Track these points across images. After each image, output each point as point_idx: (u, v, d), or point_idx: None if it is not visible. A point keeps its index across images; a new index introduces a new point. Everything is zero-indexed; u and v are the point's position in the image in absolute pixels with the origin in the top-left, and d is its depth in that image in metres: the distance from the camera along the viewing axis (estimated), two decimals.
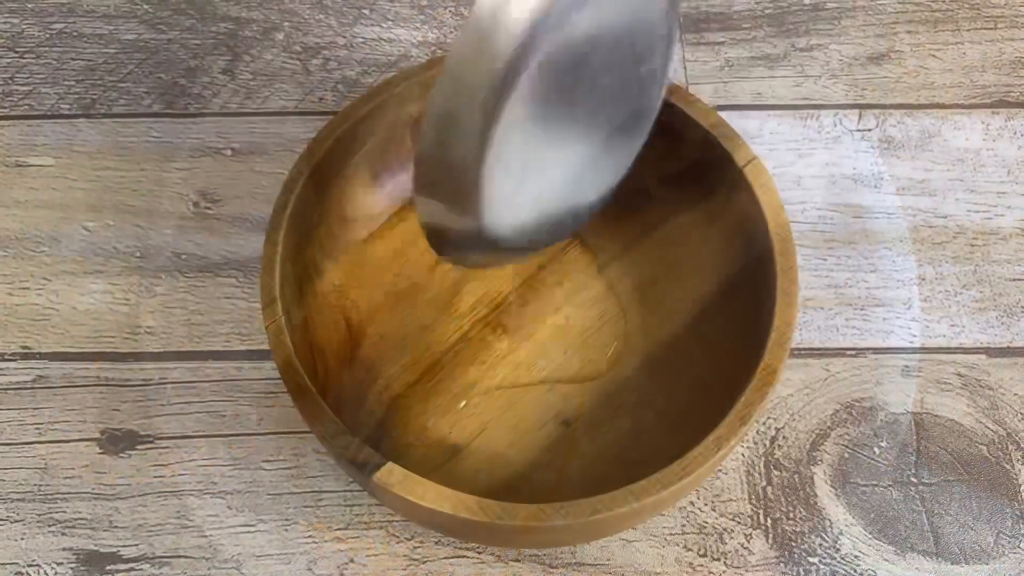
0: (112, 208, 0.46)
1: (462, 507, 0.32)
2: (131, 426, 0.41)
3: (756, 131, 0.48)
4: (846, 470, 0.40)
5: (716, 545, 0.38)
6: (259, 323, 0.43)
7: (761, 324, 0.36)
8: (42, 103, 0.49)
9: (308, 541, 0.39)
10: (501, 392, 0.40)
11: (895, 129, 0.48)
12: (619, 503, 0.32)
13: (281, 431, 0.41)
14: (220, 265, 0.45)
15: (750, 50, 0.50)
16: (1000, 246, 0.45)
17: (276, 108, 0.49)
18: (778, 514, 0.39)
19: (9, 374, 0.42)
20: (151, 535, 0.39)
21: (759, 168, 0.38)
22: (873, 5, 0.52)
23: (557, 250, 0.43)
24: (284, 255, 0.37)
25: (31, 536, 0.39)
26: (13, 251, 0.45)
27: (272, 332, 0.35)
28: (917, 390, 0.41)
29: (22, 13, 0.52)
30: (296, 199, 0.38)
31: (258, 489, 0.40)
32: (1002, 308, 0.43)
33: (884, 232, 0.45)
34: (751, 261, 0.38)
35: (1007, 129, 0.48)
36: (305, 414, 0.34)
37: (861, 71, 0.49)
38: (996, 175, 0.47)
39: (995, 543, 0.38)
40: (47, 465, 0.40)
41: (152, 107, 0.49)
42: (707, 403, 0.37)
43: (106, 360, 0.42)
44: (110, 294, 0.44)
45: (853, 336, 0.43)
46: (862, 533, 0.39)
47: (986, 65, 0.50)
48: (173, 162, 0.47)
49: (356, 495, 0.40)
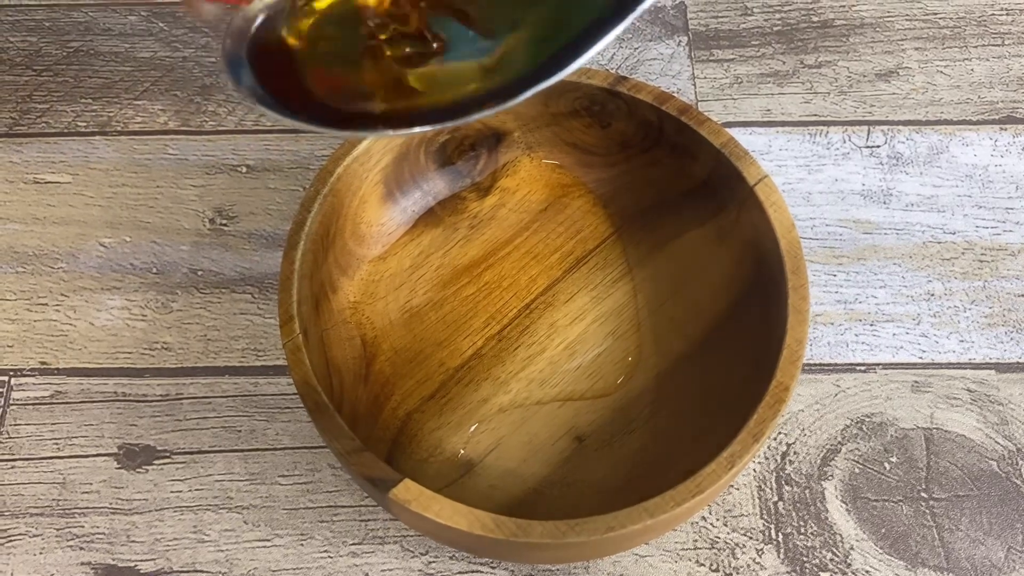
0: (129, 225, 0.47)
1: (477, 524, 0.32)
2: (148, 441, 0.41)
3: (765, 147, 0.48)
4: (857, 485, 0.40)
5: (728, 560, 0.39)
6: (274, 339, 0.44)
7: (773, 341, 0.36)
8: (59, 120, 0.50)
9: (324, 556, 0.39)
10: (514, 408, 0.40)
11: (903, 145, 0.48)
12: (633, 520, 0.32)
13: (297, 446, 0.41)
14: (236, 281, 0.45)
15: (759, 67, 0.51)
16: (1009, 262, 0.45)
17: (290, 125, 0.49)
18: (789, 529, 0.39)
19: (27, 389, 0.43)
20: (168, 549, 0.39)
21: (770, 187, 0.38)
22: (881, 22, 0.52)
23: (569, 267, 0.43)
24: (301, 273, 0.37)
25: (50, 551, 0.39)
26: (31, 267, 0.46)
27: (290, 350, 0.35)
28: (927, 405, 0.42)
29: (40, 31, 0.52)
30: (313, 218, 0.38)
31: (274, 504, 0.40)
32: (1011, 323, 0.44)
33: (893, 248, 0.45)
34: (762, 278, 0.38)
35: (1015, 145, 0.48)
36: (323, 431, 0.34)
37: (869, 88, 0.50)
38: (1004, 191, 0.47)
39: (1006, 558, 0.39)
40: (65, 480, 0.41)
41: (168, 124, 0.49)
42: (719, 419, 0.38)
43: (123, 376, 0.43)
44: (127, 310, 0.44)
45: (863, 352, 0.43)
46: (873, 548, 0.39)
47: (993, 81, 0.50)
48: (189, 179, 0.48)
49: (371, 510, 0.40)
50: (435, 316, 0.42)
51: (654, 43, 0.51)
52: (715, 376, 0.40)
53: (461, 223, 0.44)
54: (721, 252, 0.41)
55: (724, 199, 0.40)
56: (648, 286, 0.43)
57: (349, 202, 0.41)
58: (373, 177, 0.41)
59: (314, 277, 0.39)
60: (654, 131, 0.42)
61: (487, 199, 0.44)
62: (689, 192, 0.42)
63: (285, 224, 0.46)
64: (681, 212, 0.43)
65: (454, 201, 0.44)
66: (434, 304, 0.42)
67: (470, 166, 0.44)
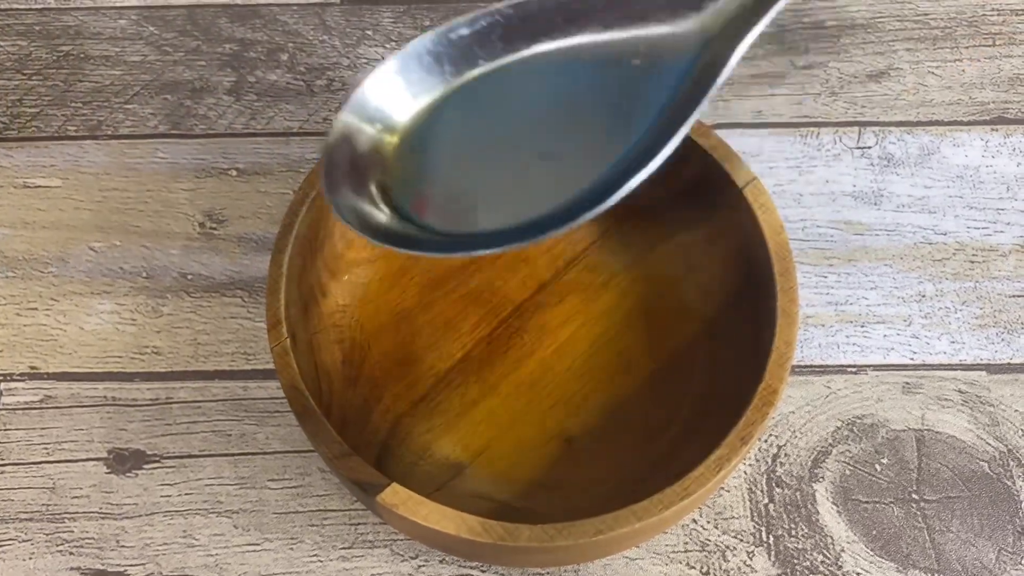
0: (118, 229, 0.47)
1: (465, 528, 0.32)
2: (138, 445, 0.41)
3: (757, 149, 0.48)
4: (848, 487, 0.40)
5: (719, 563, 0.39)
6: (264, 343, 0.43)
7: (762, 343, 0.36)
8: (49, 125, 0.50)
9: (313, 560, 0.39)
10: (504, 410, 0.40)
11: (894, 146, 0.48)
12: (622, 523, 0.32)
13: (287, 450, 0.41)
14: (226, 285, 0.45)
15: (750, 68, 0.51)
16: (1000, 262, 0.45)
17: (280, 129, 0.49)
18: (780, 531, 0.39)
19: (17, 394, 0.43)
20: (158, 554, 0.39)
21: (759, 189, 0.38)
22: (872, 23, 0.52)
23: (559, 269, 0.43)
24: (289, 276, 0.37)
25: (39, 556, 0.39)
26: (21, 271, 0.46)
27: (277, 354, 0.35)
28: (918, 407, 0.42)
29: (29, 35, 0.52)
30: (301, 221, 0.38)
31: (264, 508, 0.40)
32: (1002, 324, 0.43)
33: (884, 249, 0.45)
34: (752, 281, 0.38)
35: (1006, 146, 0.48)
36: (310, 435, 0.34)
37: (860, 89, 0.50)
38: (995, 191, 0.47)
39: (997, 559, 0.39)
40: (55, 485, 0.41)
41: (158, 128, 0.49)
42: (709, 421, 0.38)
43: (113, 380, 0.43)
44: (117, 314, 0.44)
45: (854, 353, 0.43)
46: (864, 550, 0.39)
47: (984, 82, 0.50)
48: (179, 183, 0.48)
49: (361, 514, 0.40)
50: (424, 319, 0.42)
51: None
52: (705, 377, 0.40)
53: None
54: (710, 254, 0.41)
55: (713, 202, 0.40)
56: (638, 288, 0.43)
57: None
58: None
59: (303, 280, 0.39)
60: None
61: None
62: (679, 195, 0.42)
63: (275, 228, 0.46)
64: (671, 215, 0.42)
65: None
66: (423, 307, 0.42)
67: None
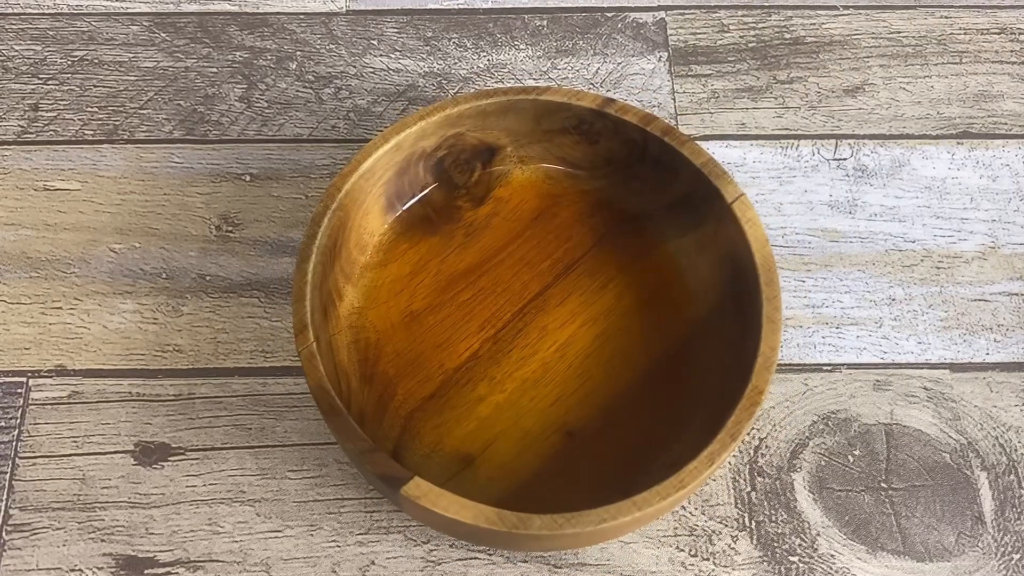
0: (138, 231, 0.49)
1: (482, 518, 0.35)
2: (163, 439, 0.44)
3: (740, 159, 0.51)
4: (823, 477, 0.44)
5: (706, 546, 0.42)
6: (281, 341, 0.46)
7: (748, 346, 0.40)
8: (67, 128, 0.51)
9: (332, 545, 0.42)
10: (509, 406, 0.43)
11: (868, 158, 0.52)
12: (623, 512, 0.35)
13: (305, 443, 0.44)
14: (243, 286, 0.47)
15: (735, 82, 0.54)
16: (963, 268, 0.49)
17: (291, 135, 0.51)
18: (762, 517, 0.43)
19: (46, 390, 0.45)
20: (185, 541, 0.42)
21: (746, 204, 0.42)
22: (849, 40, 0.55)
23: (559, 273, 0.46)
24: (312, 284, 0.40)
25: (72, 543, 0.42)
26: (45, 272, 0.48)
27: (305, 357, 0.38)
28: (887, 403, 0.45)
29: (44, 40, 0.54)
30: (323, 231, 0.41)
31: (284, 497, 0.43)
32: (964, 327, 0.47)
33: (858, 255, 0.49)
34: (739, 288, 0.42)
35: (970, 159, 0.52)
36: (337, 432, 0.37)
37: (837, 103, 0.53)
38: (960, 202, 0.50)
39: (956, 542, 0.42)
40: (85, 476, 0.43)
41: (173, 133, 0.51)
42: (698, 416, 0.41)
43: (137, 376, 0.45)
44: (139, 313, 0.47)
45: (829, 353, 0.46)
46: (837, 534, 0.43)
47: (951, 98, 0.53)
48: (195, 187, 0.50)
49: (376, 502, 0.43)
50: (434, 320, 0.45)
51: (636, 58, 0.54)
52: (695, 377, 0.43)
53: (457, 231, 0.47)
54: (700, 262, 0.44)
55: (704, 214, 0.43)
56: (633, 291, 0.46)
57: (355, 215, 0.43)
58: (376, 191, 0.44)
59: (322, 286, 0.41)
60: (639, 149, 0.45)
61: (482, 208, 0.47)
62: (671, 205, 0.45)
63: (289, 231, 0.49)
64: (663, 223, 0.46)
65: (450, 210, 0.47)
66: (433, 308, 0.45)
67: (465, 178, 0.47)
